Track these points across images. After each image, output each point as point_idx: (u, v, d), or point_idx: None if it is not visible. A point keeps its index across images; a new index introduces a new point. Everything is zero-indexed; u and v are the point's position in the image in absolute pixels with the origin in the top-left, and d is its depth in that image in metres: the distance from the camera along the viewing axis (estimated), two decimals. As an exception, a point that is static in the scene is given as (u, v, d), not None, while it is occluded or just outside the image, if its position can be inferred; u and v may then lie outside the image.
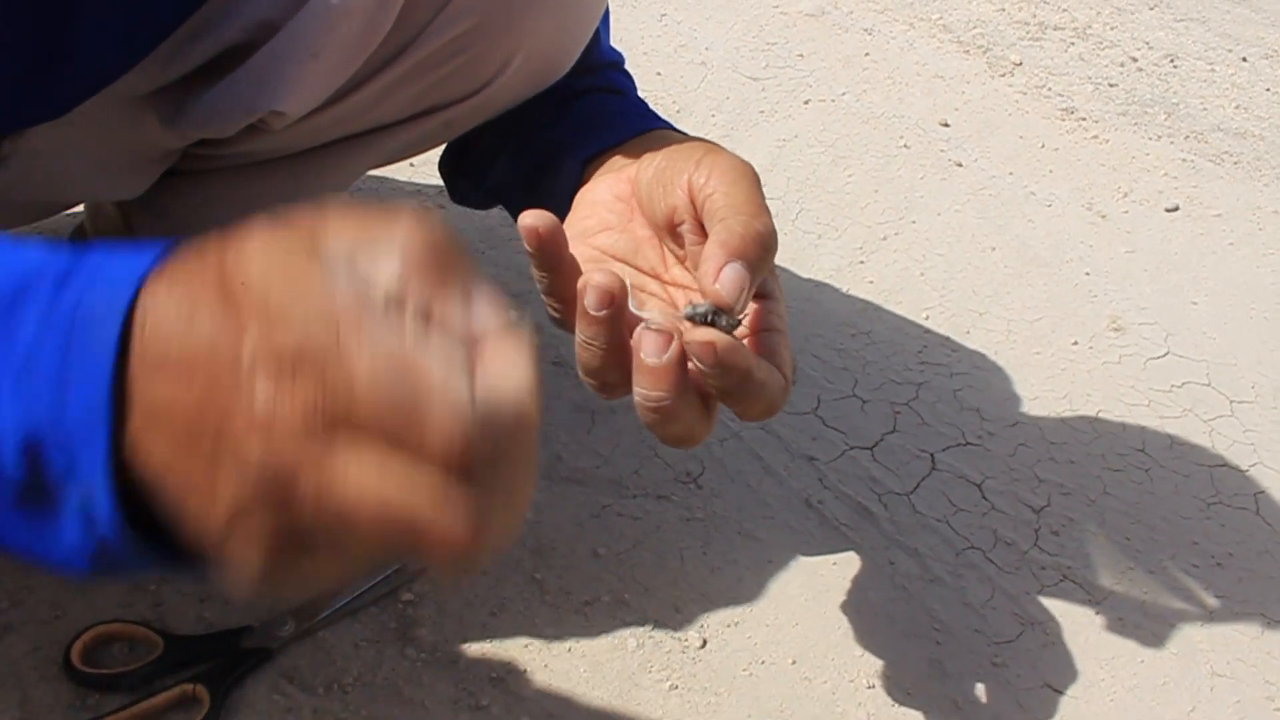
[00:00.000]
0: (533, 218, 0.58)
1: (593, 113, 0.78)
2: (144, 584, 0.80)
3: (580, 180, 0.72)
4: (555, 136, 0.77)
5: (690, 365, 0.56)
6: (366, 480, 0.37)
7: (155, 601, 0.79)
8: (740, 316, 0.57)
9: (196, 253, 0.41)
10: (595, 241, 0.67)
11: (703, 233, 0.62)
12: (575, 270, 0.60)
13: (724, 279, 0.57)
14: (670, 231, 0.65)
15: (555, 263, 0.60)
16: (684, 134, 0.74)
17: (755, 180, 0.63)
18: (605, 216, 0.68)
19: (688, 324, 0.56)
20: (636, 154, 0.69)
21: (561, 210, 0.70)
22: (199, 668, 0.75)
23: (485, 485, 0.39)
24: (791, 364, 0.62)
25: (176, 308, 0.40)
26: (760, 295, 0.63)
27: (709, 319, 0.56)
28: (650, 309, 0.59)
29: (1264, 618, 0.98)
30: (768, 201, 0.63)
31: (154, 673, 0.75)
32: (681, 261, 0.66)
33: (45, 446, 0.41)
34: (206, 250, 0.41)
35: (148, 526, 0.42)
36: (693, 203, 0.63)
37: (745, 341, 0.60)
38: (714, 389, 0.57)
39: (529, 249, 0.60)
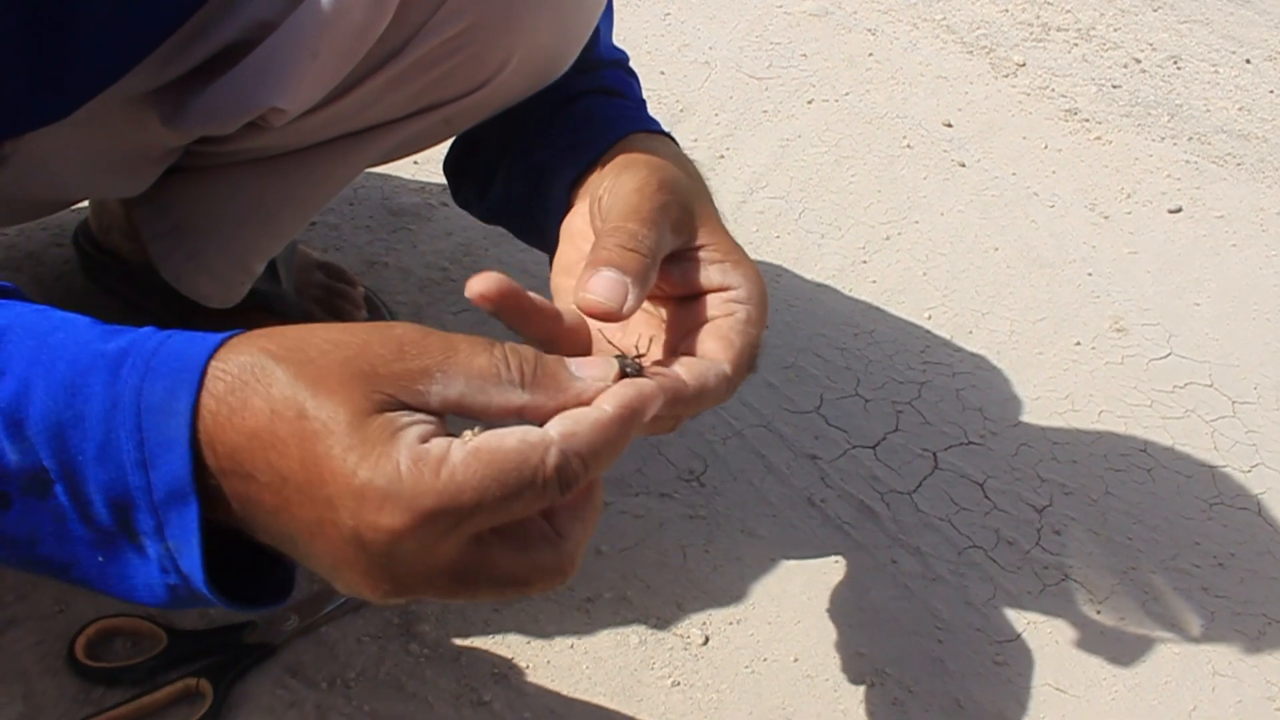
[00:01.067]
0: (480, 284, 0.54)
1: (580, 124, 0.76)
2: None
3: (567, 205, 0.72)
4: (543, 158, 0.77)
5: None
6: (488, 596, 0.47)
7: (159, 596, 0.80)
8: (638, 355, 0.56)
9: (248, 360, 0.47)
10: (569, 278, 0.67)
11: None
12: (547, 311, 0.58)
13: (593, 286, 0.57)
14: None
15: (519, 315, 0.57)
16: (655, 134, 0.74)
17: (652, 202, 0.62)
18: (582, 247, 0.68)
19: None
20: (604, 174, 0.68)
21: (556, 242, 0.71)
22: (202, 662, 0.75)
23: (580, 518, 0.49)
24: (740, 345, 0.60)
25: (242, 428, 0.46)
26: (716, 288, 0.63)
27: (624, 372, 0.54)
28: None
29: (1265, 618, 0.98)
30: (770, 201, 0.63)
31: (157, 667, 0.75)
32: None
33: (135, 509, 0.47)
34: (258, 362, 0.46)
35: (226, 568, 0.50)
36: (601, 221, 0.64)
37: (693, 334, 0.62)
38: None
39: (488, 311, 0.57)
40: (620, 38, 0.88)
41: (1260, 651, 0.95)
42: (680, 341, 0.62)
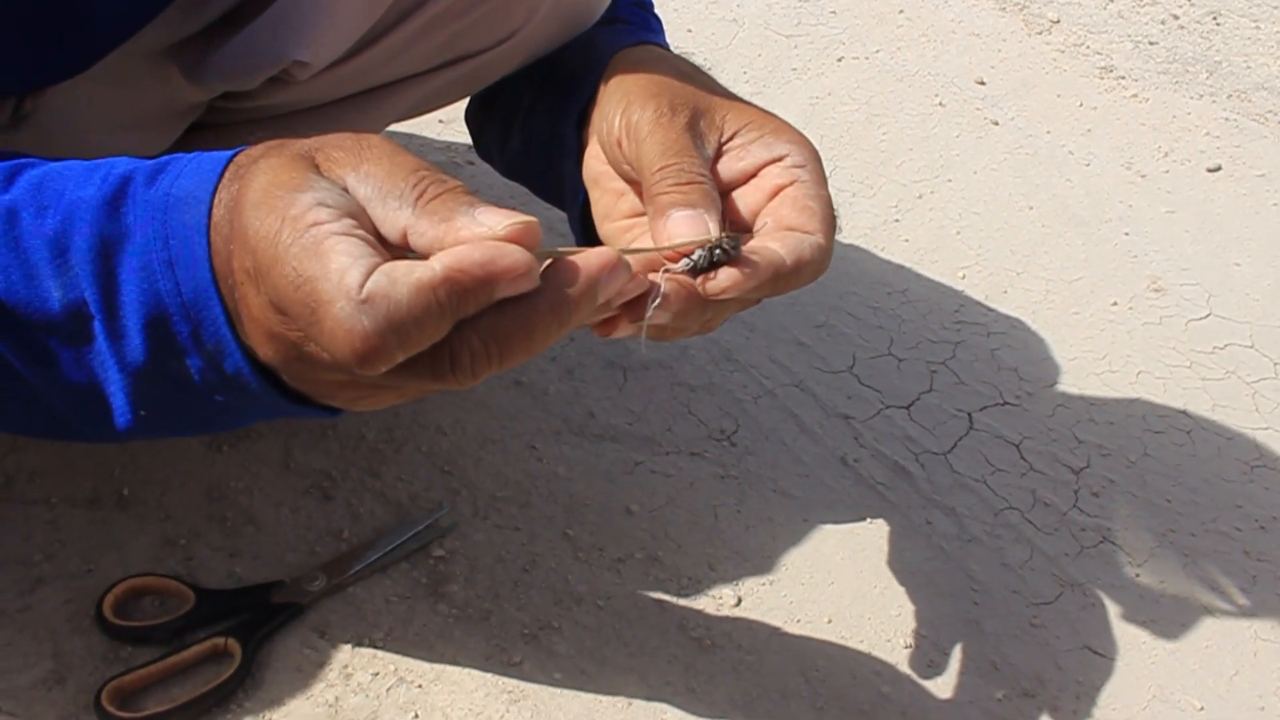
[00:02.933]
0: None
1: (578, 59, 0.75)
2: (174, 539, 0.80)
3: (580, 144, 0.71)
4: (550, 102, 0.75)
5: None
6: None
7: (186, 556, 0.79)
8: (723, 238, 0.56)
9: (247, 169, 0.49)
10: (615, 223, 0.67)
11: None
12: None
13: (673, 230, 0.57)
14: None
15: None
16: (639, 46, 0.72)
17: (675, 129, 0.61)
18: (611, 187, 0.67)
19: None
20: (601, 108, 0.67)
21: (575, 187, 0.70)
22: (230, 622, 0.75)
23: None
24: (821, 211, 0.60)
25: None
26: (766, 162, 0.62)
27: (711, 261, 0.55)
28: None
29: (1309, 581, 0.96)
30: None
31: (185, 626, 0.74)
32: None
33: (171, 320, 0.50)
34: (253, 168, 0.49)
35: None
36: (630, 165, 0.63)
37: (767, 205, 0.60)
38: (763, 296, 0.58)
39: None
40: (648, -8, 0.86)
41: (1303, 615, 0.93)
42: (753, 222, 0.61)
